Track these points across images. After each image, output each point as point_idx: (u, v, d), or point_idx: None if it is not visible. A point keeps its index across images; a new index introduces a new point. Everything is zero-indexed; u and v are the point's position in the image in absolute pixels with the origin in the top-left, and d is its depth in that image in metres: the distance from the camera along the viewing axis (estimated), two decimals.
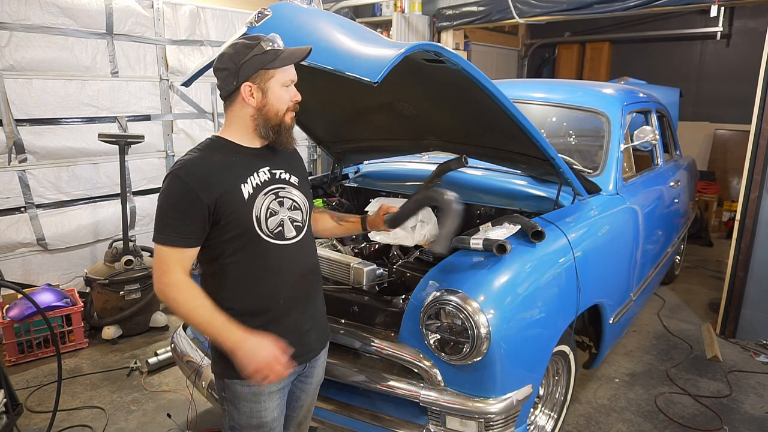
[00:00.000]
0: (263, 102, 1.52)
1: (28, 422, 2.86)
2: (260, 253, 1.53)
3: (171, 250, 1.47)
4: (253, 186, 1.54)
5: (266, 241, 1.54)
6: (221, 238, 1.51)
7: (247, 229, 1.51)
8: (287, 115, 1.56)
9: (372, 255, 2.74)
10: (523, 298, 1.98)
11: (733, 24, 6.88)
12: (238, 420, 1.64)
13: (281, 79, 1.52)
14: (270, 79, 1.51)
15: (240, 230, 1.51)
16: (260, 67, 1.48)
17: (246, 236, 1.52)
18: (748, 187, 3.63)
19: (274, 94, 1.52)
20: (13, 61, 3.69)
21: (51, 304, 3.49)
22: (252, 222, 1.52)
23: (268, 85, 1.51)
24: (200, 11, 4.70)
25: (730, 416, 2.92)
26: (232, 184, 1.51)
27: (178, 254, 1.47)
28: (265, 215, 1.54)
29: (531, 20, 5.28)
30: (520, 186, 2.79)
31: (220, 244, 1.52)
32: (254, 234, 1.52)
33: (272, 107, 1.53)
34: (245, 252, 1.53)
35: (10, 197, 3.81)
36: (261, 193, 1.55)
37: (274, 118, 1.54)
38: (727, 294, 3.82)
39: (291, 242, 1.59)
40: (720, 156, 7.07)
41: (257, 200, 1.53)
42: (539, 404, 2.52)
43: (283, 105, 1.54)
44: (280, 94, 1.52)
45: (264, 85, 1.51)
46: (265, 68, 1.49)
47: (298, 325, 1.64)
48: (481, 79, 1.89)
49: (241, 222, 1.50)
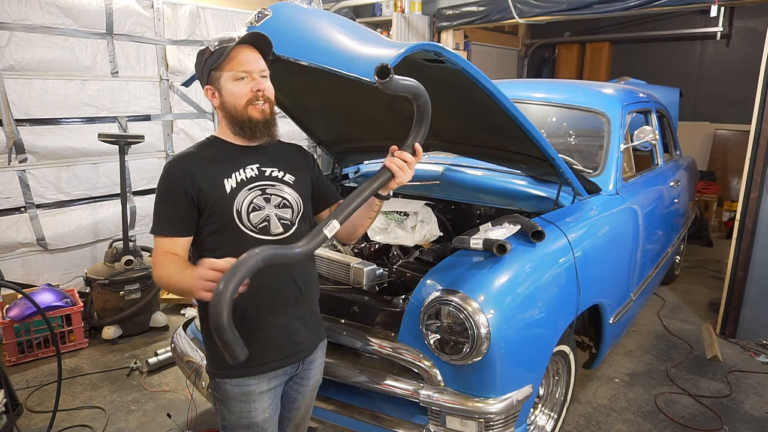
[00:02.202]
0: (222, 101, 1.59)
1: (28, 422, 2.86)
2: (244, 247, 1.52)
3: (162, 239, 1.55)
4: (237, 181, 1.58)
5: (249, 235, 1.56)
6: (206, 231, 1.58)
7: (228, 222, 1.55)
8: (250, 108, 1.56)
9: (372, 255, 2.74)
10: (523, 298, 1.98)
11: (733, 24, 6.88)
12: (229, 420, 1.65)
13: (231, 74, 1.55)
14: (219, 78, 1.56)
15: (221, 223, 1.56)
16: (209, 69, 1.56)
17: (228, 229, 1.56)
18: (748, 187, 3.63)
19: (226, 90, 1.56)
20: (13, 61, 3.69)
21: (51, 304, 3.49)
22: (232, 215, 1.55)
23: (220, 83, 1.57)
24: (200, 11, 4.70)
25: (730, 416, 2.92)
26: (215, 178, 1.56)
27: (168, 243, 1.54)
28: (247, 210, 1.57)
29: (531, 20, 5.28)
30: (520, 186, 2.79)
31: (205, 237, 1.58)
32: (235, 227, 1.56)
33: (228, 103, 1.57)
34: (229, 245, 1.54)
35: (10, 197, 3.81)
36: (244, 189, 1.58)
37: (236, 114, 1.57)
38: (727, 294, 3.82)
39: (277, 238, 1.59)
40: (720, 156, 7.07)
41: (239, 195, 1.57)
42: (539, 404, 2.52)
43: (238, 99, 1.56)
44: (231, 89, 1.55)
45: (217, 84, 1.57)
46: (213, 69, 1.55)
47: (286, 323, 1.64)
48: (481, 79, 1.89)
49: (222, 215, 1.55)
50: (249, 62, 1.55)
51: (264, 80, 1.59)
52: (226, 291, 1.23)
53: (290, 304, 1.64)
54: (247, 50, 1.56)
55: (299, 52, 1.74)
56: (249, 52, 1.56)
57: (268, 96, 1.59)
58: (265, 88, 1.58)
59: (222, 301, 1.22)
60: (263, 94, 1.57)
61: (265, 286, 1.57)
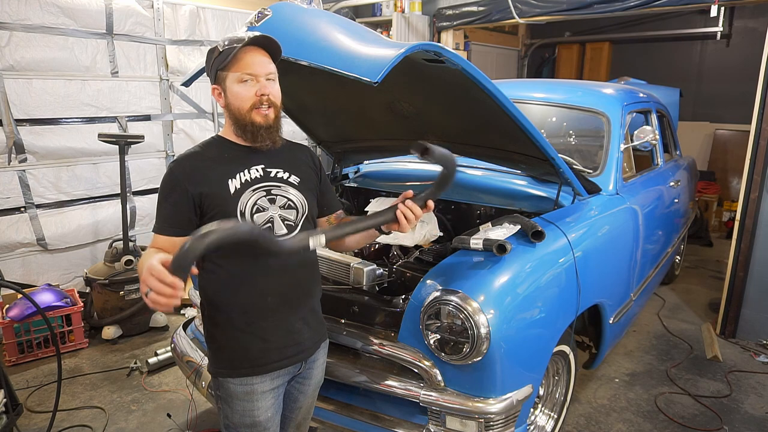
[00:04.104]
0: (227, 102, 1.57)
1: (28, 422, 2.86)
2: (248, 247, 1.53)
3: (160, 238, 1.54)
4: (241, 182, 1.57)
5: None
6: None
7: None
8: (253, 113, 1.54)
9: (372, 255, 2.74)
10: (523, 298, 1.98)
11: (733, 24, 6.88)
12: (232, 418, 1.65)
13: (236, 76, 1.53)
14: (226, 79, 1.54)
15: None
16: (217, 68, 1.54)
17: None
18: (748, 187, 3.63)
19: (231, 92, 1.54)
20: (13, 61, 3.69)
21: (51, 304, 3.49)
22: (236, 216, 1.54)
23: (226, 84, 1.55)
24: (200, 11, 4.70)
25: (730, 416, 2.92)
26: (219, 179, 1.55)
27: (166, 242, 1.52)
28: (251, 211, 1.56)
29: (531, 20, 5.28)
30: (520, 186, 2.79)
31: None
32: None
33: (233, 105, 1.56)
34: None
35: (10, 197, 3.81)
36: (249, 189, 1.57)
37: (240, 117, 1.56)
38: (727, 294, 3.82)
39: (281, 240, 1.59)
40: (720, 156, 7.07)
41: (243, 196, 1.56)
42: (539, 404, 2.51)
43: (243, 102, 1.53)
44: (236, 91, 1.54)
45: (223, 85, 1.55)
46: (220, 69, 1.54)
47: (289, 323, 1.64)
48: (481, 79, 1.89)
49: (225, 215, 1.53)
50: (255, 64, 1.53)
51: (270, 84, 1.56)
52: (201, 244, 1.18)
53: (292, 305, 1.64)
54: (255, 52, 1.53)
55: (299, 52, 1.74)
56: (257, 55, 1.53)
57: (273, 100, 1.56)
58: (270, 92, 1.55)
59: (191, 255, 1.18)
60: (268, 99, 1.54)
61: (267, 287, 1.58)
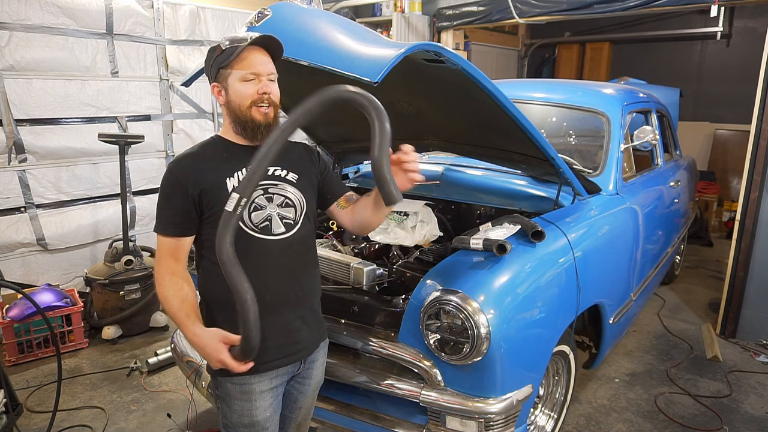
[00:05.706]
0: (227, 99, 1.59)
1: (28, 422, 2.86)
2: (244, 246, 1.53)
3: (163, 238, 1.57)
4: (240, 180, 1.57)
5: (251, 234, 1.57)
6: (207, 229, 1.58)
7: None
8: (254, 110, 1.56)
9: (372, 255, 2.73)
10: (523, 298, 1.98)
11: (733, 24, 6.88)
12: (230, 418, 1.65)
13: (239, 74, 1.55)
14: (228, 77, 1.56)
15: None
16: (219, 66, 1.56)
17: None
18: (748, 187, 3.63)
19: (233, 89, 1.56)
20: (13, 61, 3.69)
21: (51, 304, 3.49)
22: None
23: (228, 82, 1.57)
24: (200, 11, 4.70)
25: (730, 416, 2.92)
26: (217, 178, 1.57)
27: (168, 242, 1.56)
28: (249, 209, 1.57)
29: (531, 20, 5.28)
30: (520, 186, 2.79)
31: (206, 235, 1.59)
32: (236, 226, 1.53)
33: (233, 103, 1.57)
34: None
35: (10, 197, 3.81)
36: None
37: (240, 114, 1.57)
38: (727, 294, 3.82)
39: (278, 238, 1.60)
40: (720, 156, 7.07)
41: None
42: (539, 404, 2.52)
43: (243, 99, 1.56)
44: (238, 88, 1.56)
45: (225, 83, 1.57)
46: (222, 67, 1.56)
47: (287, 322, 1.64)
48: (481, 79, 1.89)
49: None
50: (258, 64, 1.56)
51: (271, 84, 1.59)
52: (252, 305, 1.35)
53: (291, 304, 1.64)
54: (258, 52, 1.56)
55: (299, 52, 1.74)
56: (260, 55, 1.57)
57: (273, 100, 1.59)
58: (271, 91, 1.58)
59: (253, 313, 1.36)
60: (269, 98, 1.57)
61: (266, 286, 1.57)
